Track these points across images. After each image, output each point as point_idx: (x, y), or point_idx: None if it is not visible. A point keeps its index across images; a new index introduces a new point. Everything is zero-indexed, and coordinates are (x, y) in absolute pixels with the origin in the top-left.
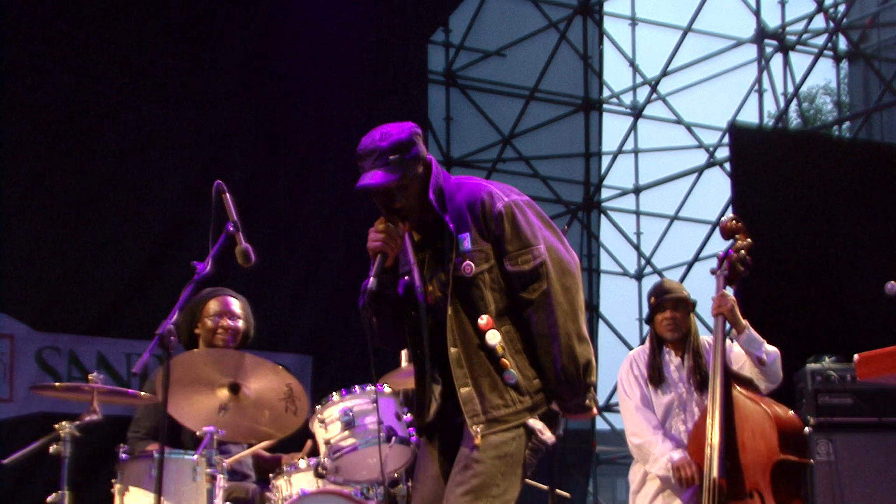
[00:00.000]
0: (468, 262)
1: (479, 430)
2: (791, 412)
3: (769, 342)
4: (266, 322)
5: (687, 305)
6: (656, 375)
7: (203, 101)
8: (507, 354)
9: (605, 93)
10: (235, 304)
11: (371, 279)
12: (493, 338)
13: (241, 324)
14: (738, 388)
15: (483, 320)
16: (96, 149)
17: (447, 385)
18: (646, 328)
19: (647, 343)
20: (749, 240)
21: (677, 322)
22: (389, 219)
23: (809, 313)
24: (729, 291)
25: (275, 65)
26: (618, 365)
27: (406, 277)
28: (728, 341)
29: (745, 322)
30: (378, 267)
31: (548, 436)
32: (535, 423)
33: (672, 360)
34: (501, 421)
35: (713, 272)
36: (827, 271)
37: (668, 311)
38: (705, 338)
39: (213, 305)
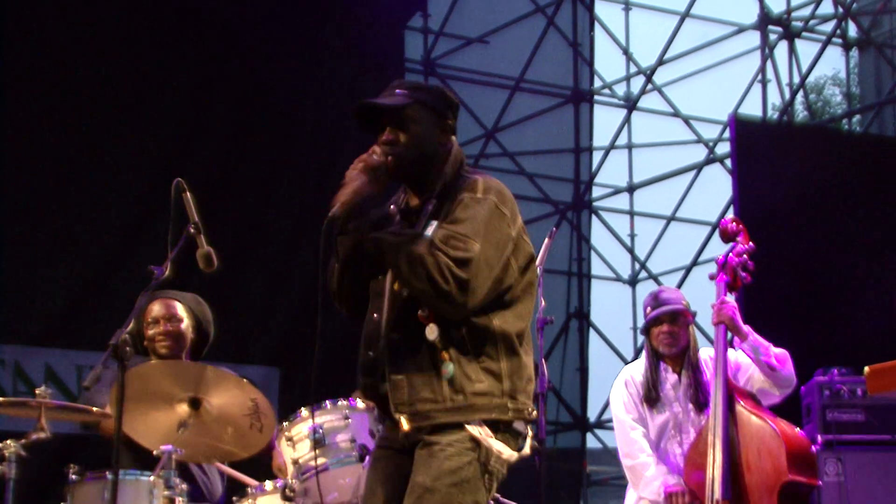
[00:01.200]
0: None
1: (404, 419)
2: (798, 430)
3: None
4: (230, 332)
5: (686, 317)
6: (652, 394)
7: (162, 93)
8: (450, 350)
9: (597, 83)
10: (178, 307)
11: (337, 207)
12: (432, 332)
13: (184, 326)
14: (741, 403)
15: (424, 311)
16: (42, 146)
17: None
18: (641, 337)
19: (643, 357)
20: (751, 243)
21: (675, 336)
22: (381, 161)
23: (817, 322)
24: (730, 299)
25: (240, 55)
26: (610, 378)
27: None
28: (731, 351)
29: (747, 329)
30: (350, 196)
31: (508, 454)
32: (493, 443)
33: (668, 378)
34: (427, 417)
35: (712, 278)
36: (836, 276)
37: (665, 324)
38: (706, 350)
39: (152, 310)
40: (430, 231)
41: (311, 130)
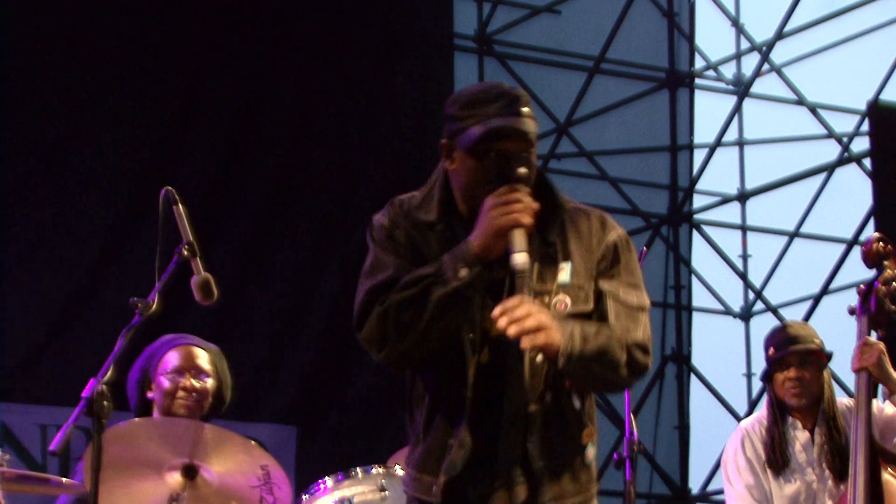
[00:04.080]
0: (564, 297)
1: None
2: None
3: None
4: (234, 383)
5: (819, 360)
6: (778, 458)
7: (147, 79)
8: (592, 424)
9: (699, 63)
10: (203, 357)
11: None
12: (577, 402)
13: (210, 383)
14: (889, 470)
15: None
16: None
17: (479, 449)
18: (758, 385)
19: (765, 411)
20: None
21: (806, 383)
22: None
23: None
24: (874, 337)
25: (245, 29)
26: (718, 437)
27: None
28: (876, 403)
29: None
30: (519, 244)
31: None
32: None
33: (798, 436)
34: None
35: (852, 312)
36: None
37: (793, 367)
38: (844, 401)
39: (171, 359)
40: (565, 276)
41: (334, 129)
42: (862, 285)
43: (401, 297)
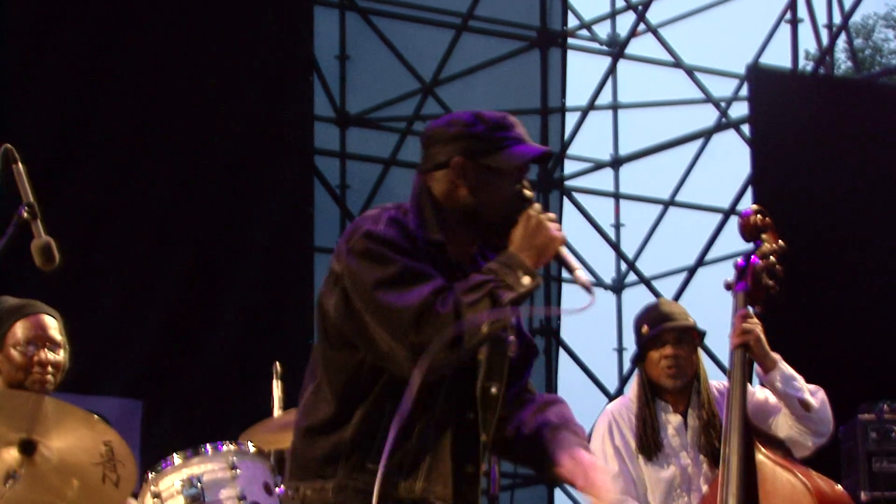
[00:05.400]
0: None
1: None
2: (838, 486)
3: None
4: (77, 353)
5: (694, 338)
6: (650, 442)
7: None
8: None
9: (572, 22)
10: (55, 328)
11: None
12: None
13: (62, 355)
14: (763, 451)
15: None
16: None
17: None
18: (629, 361)
19: (633, 394)
20: (780, 242)
21: (681, 363)
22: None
23: (858, 342)
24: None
25: None
26: (587, 414)
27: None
28: (748, 386)
29: (775, 356)
30: (574, 260)
31: None
32: None
33: (670, 419)
34: None
35: (729, 287)
36: (885, 282)
37: (668, 345)
38: (714, 384)
39: (22, 329)
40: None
41: (187, 85)
42: (739, 259)
43: (473, 300)
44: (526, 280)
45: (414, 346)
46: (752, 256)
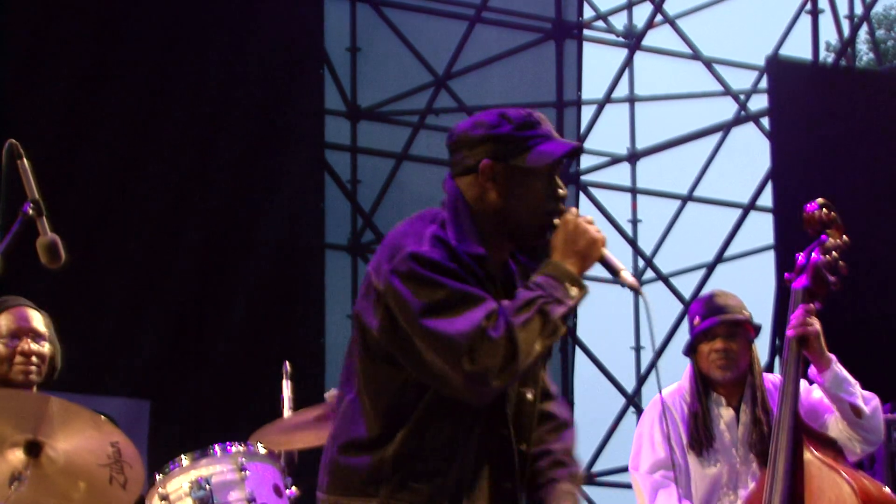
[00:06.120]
0: None
1: None
2: (886, 489)
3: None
4: (83, 353)
5: (748, 332)
6: (702, 437)
7: None
8: None
9: (588, 13)
10: (38, 320)
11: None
12: None
13: (47, 348)
14: (812, 450)
15: None
16: None
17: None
18: (646, 360)
19: (686, 385)
20: (845, 237)
21: (733, 355)
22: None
23: (884, 341)
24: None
25: None
26: (604, 414)
27: None
28: (803, 384)
29: (830, 356)
30: (619, 261)
31: None
32: None
33: (723, 414)
34: None
35: (789, 280)
36: None
37: (719, 339)
38: (769, 377)
39: (4, 321)
40: None
41: (193, 77)
42: (800, 255)
43: (524, 319)
44: (574, 291)
45: (469, 375)
46: (815, 252)
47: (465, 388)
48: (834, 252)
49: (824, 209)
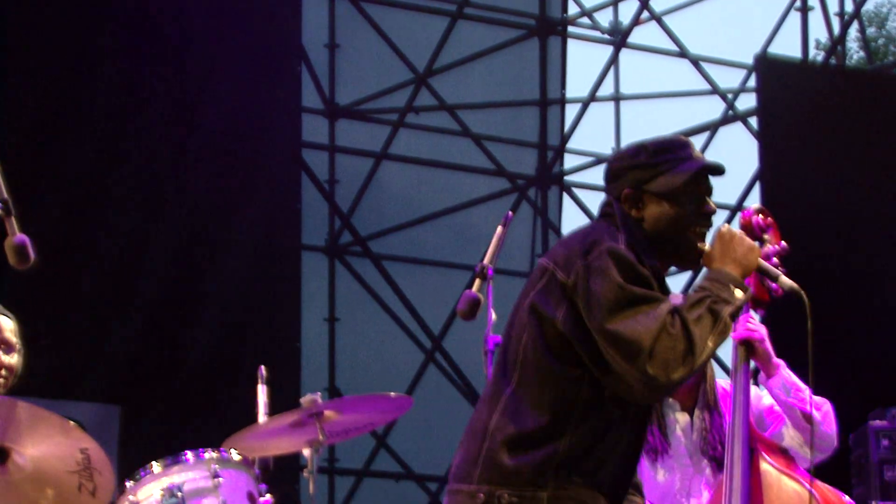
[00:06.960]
0: None
1: None
2: (846, 497)
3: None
4: (51, 356)
5: None
6: (659, 443)
7: None
8: None
9: (572, 9)
10: (10, 329)
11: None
12: None
13: (16, 359)
14: (767, 458)
15: None
16: None
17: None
18: None
19: None
20: (783, 243)
21: None
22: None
23: (869, 348)
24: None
25: None
26: None
27: None
28: (754, 390)
29: (779, 362)
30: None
31: None
32: None
33: (679, 419)
34: None
35: None
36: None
37: None
38: (722, 382)
39: None
40: None
41: (170, 77)
42: None
43: (697, 315)
44: (739, 293)
45: (647, 375)
46: None
47: (643, 384)
48: (772, 258)
49: (760, 215)
